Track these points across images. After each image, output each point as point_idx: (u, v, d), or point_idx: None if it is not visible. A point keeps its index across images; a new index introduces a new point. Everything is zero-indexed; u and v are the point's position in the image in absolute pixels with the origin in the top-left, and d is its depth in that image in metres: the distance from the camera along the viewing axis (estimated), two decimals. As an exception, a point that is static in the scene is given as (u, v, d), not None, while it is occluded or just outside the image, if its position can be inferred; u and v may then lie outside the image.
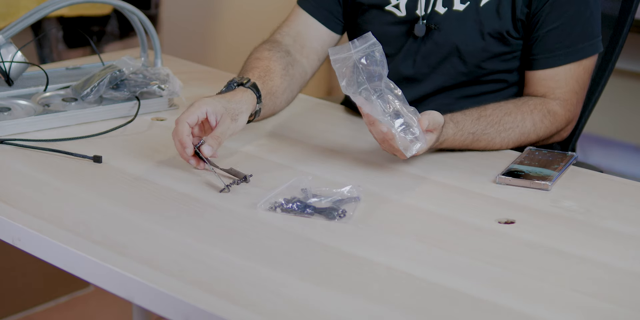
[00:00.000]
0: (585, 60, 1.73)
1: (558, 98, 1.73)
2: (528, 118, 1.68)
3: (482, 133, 1.64)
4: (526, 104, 1.70)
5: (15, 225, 1.35)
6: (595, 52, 1.74)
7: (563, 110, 1.73)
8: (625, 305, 1.18)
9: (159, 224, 1.36)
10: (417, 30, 1.76)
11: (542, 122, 1.70)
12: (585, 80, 1.75)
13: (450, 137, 1.60)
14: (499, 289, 1.21)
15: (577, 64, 1.73)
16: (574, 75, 1.73)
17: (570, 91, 1.73)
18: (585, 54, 1.73)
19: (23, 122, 1.69)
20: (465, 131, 1.62)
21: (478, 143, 1.65)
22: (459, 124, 1.62)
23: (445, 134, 1.58)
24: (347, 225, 1.37)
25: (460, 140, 1.62)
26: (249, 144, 1.67)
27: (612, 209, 1.46)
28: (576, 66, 1.73)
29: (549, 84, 1.73)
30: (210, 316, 1.13)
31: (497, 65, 1.77)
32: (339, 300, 1.17)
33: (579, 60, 1.72)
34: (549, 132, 1.72)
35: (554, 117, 1.71)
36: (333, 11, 1.86)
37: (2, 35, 1.74)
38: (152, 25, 1.83)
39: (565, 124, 1.75)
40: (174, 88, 1.80)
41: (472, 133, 1.63)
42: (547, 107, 1.71)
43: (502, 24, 1.72)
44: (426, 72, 1.79)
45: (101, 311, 2.65)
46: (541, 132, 1.70)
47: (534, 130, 1.69)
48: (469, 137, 1.63)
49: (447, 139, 1.60)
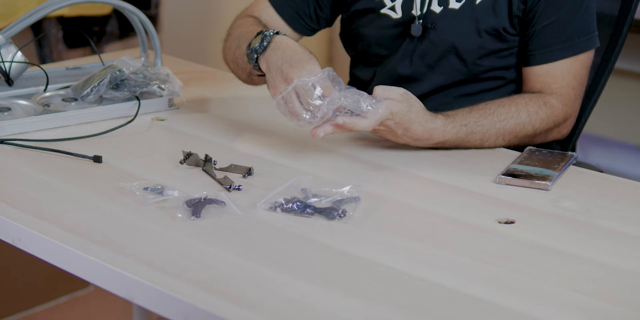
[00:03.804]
0: (582, 55, 1.73)
1: (555, 93, 1.72)
2: (523, 109, 1.68)
3: (475, 124, 1.63)
4: (521, 97, 1.70)
5: (15, 225, 1.35)
6: (592, 47, 1.74)
7: (560, 104, 1.72)
8: (625, 305, 1.18)
9: (159, 224, 1.36)
10: (413, 30, 1.76)
11: (537, 113, 1.69)
12: (582, 76, 1.75)
13: (439, 128, 1.59)
14: (499, 289, 1.21)
15: (573, 59, 1.73)
16: (571, 70, 1.73)
17: (567, 86, 1.73)
18: (582, 49, 1.73)
19: (23, 122, 1.69)
20: (457, 123, 1.61)
21: (473, 136, 1.63)
22: (449, 117, 1.61)
23: (434, 126, 1.58)
24: (347, 225, 1.37)
25: (452, 133, 1.61)
26: (249, 143, 1.67)
27: (612, 209, 1.46)
28: (572, 61, 1.73)
29: (546, 80, 1.73)
30: (210, 316, 1.13)
31: (494, 62, 1.77)
32: (339, 300, 1.17)
33: (575, 55, 1.72)
34: (545, 125, 1.71)
35: (551, 110, 1.71)
36: (301, 13, 1.85)
37: (2, 35, 1.74)
38: (152, 25, 1.83)
39: (563, 118, 1.74)
40: (174, 88, 1.80)
41: (465, 125, 1.62)
42: (543, 100, 1.71)
43: (498, 21, 1.72)
44: (424, 71, 1.79)
45: (101, 311, 2.65)
46: (537, 123, 1.69)
47: (529, 121, 1.68)
48: (461, 129, 1.62)
49: (436, 130, 1.58)
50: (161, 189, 1.44)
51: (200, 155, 1.56)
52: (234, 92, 1.95)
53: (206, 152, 1.56)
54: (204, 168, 1.54)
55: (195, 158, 1.56)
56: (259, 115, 1.80)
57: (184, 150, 1.58)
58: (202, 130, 1.74)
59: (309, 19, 1.86)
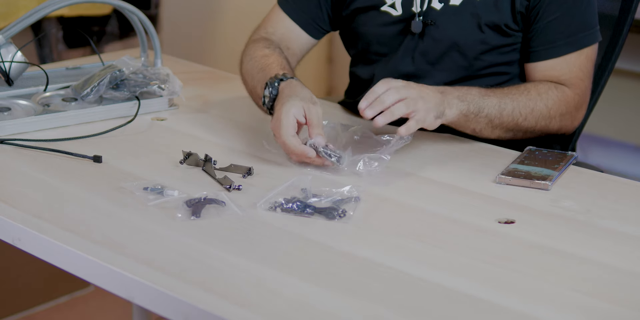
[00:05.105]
0: (586, 49, 1.74)
1: (564, 83, 1.73)
2: (532, 88, 1.70)
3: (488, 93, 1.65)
4: (528, 82, 1.73)
5: (15, 225, 1.35)
6: (595, 41, 1.74)
7: (571, 91, 1.73)
8: (625, 305, 1.18)
9: (159, 224, 1.36)
10: (414, 27, 1.76)
11: (547, 93, 1.70)
12: (589, 69, 1.75)
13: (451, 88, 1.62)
14: (499, 289, 1.21)
15: (578, 53, 1.73)
16: (577, 63, 1.73)
17: (576, 77, 1.74)
18: (586, 43, 1.73)
19: (23, 122, 1.69)
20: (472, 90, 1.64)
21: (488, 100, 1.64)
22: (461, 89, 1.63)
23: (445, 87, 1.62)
24: (347, 225, 1.37)
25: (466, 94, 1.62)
26: (249, 143, 1.67)
27: (612, 209, 1.46)
28: (577, 55, 1.73)
29: (552, 74, 1.74)
30: (210, 316, 1.13)
31: (497, 58, 1.77)
32: (339, 300, 1.17)
33: (579, 49, 1.73)
34: (558, 107, 1.70)
35: (562, 93, 1.71)
36: (315, 17, 1.86)
37: (2, 35, 1.74)
38: (152, 25, 1.83)
39: (574, 106, 1.73)
40: (174, 88, 1.80)
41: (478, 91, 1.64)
42: (553, 84, 1.72)
43: (500, 17, 1.72)
44: (426, 68, 1.79)
45: (101, 311, 2.65)
46: (550, 102, 1.69)
47: (540, 99, 1.69)
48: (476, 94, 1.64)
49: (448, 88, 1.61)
50: (161, 189, 1.44)
51: (200, 155, 1.56)
52: (234, 92, 1.95)
53: (206, 152, 1.56)
54: (204, 168, 1.54)
55: (195, 158, 1.56)
56: (259, 115, 1.80)
57: (184, 150, 1.58)
58: (202, 130, 1.74)
59: (322, 22, 1.87)
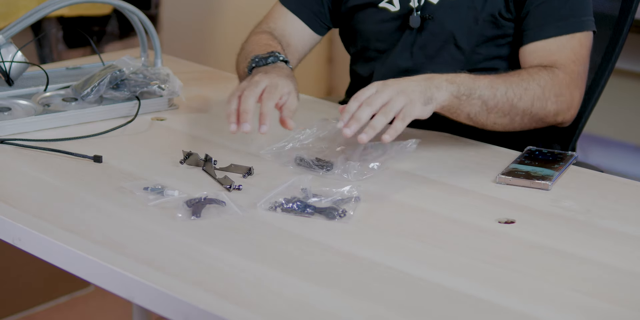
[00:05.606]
0: (579, 34, 1.71)
1: (554, 64, 1.69)
2: (522, 71, 1.66)
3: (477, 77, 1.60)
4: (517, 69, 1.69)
5: (15, 225, 1.35)
6: (586, 28, 1.71)
7: (562, 72, 1.68)
8: (625, 305, 1.18)
9: (159, 224, 1.36)
10: (412, 22, 1.77)
11: (538, 73, 1.65)
12: (582, 55, 1.71)
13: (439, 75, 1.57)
14: (499, 289, 1.21)
15: (569, 37, 1.71)
16: (567, 46, 1.70)
17: (566, 58, 1.70)
18: (576, 28, 1.70)
19: (23, 122, 1.69)
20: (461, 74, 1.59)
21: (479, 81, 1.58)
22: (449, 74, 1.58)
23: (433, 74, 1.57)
24: (347, 225, 1.37)
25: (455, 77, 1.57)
26: (249, 143, 1.67)
27: (612, 209, 1.46)
28: (569, 38, 1.71)
29: (542, 54, 1.71)
30: (210, 316, 1.13)
31: (491, 50, 1.77)
32: (339, 300, 1.17)
33: (570, 33, 1.70)
34: (551, 87, 1.65)
35: (553, 73, 1.67)
36: (316, 12, 1.87)
37: (2, 35, 1.74)
38: (152, 25, 1.83)
39: (566, 87, 1.68)
40: (174, 88, 1.80)
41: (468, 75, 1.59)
42: (543, 66, 1.68)
43: (494, 5, 1.72)
44: (424, 62, 1.79)
45: (101, 311, 2.65)
46: (542, 82, 1.64)
47: (532, 79, 1.64)
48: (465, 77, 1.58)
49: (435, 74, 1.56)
50: (161, 188, 1.44)
51: (200, 155, 1.56)
52: (234, 92, 1.94)
53: (206, 152, 1.57)
54: (204, 168, 1.54)
55: (195, 158, 1.56)
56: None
57: (184, 150, 1.58)
58: (202, 130, 1.74)
59: (323, 17, 1.87)
